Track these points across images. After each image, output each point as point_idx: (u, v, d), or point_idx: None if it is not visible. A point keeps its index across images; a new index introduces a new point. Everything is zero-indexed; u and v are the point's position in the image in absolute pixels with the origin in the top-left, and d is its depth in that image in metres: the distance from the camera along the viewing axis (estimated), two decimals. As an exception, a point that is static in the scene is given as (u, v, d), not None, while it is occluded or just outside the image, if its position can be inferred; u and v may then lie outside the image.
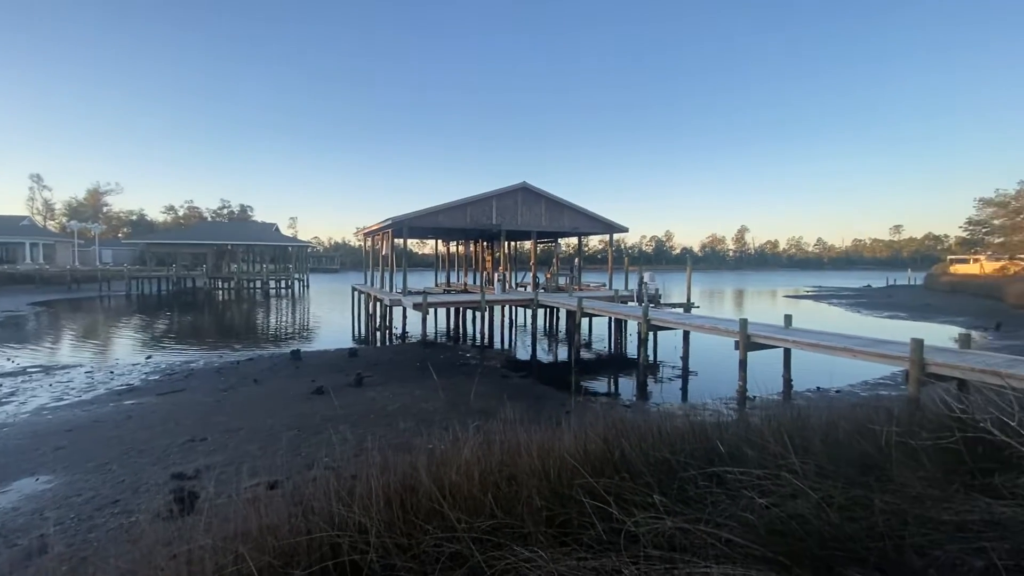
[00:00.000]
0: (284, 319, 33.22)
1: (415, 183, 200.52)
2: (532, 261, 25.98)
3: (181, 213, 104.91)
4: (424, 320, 19.13)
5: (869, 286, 58.85)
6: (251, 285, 56.56)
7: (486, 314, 22.37)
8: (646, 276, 23.42)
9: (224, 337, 24.46)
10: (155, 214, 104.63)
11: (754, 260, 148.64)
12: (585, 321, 23.45)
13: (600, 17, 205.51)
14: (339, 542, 2.76)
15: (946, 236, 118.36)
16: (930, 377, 8.49)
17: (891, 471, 3.03)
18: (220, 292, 54.68)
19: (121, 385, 14.52)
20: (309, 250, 76.62)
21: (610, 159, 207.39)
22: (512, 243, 38.38)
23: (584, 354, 20.19)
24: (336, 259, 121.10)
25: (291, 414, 10.59)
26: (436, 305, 20.90)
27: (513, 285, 31.41)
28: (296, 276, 59.63)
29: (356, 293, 30.61)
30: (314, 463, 6.27)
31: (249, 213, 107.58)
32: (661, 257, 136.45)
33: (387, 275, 25.27)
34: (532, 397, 13.04)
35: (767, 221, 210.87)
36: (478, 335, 22.11)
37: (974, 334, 24.00)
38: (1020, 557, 2.36)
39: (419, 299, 19.41)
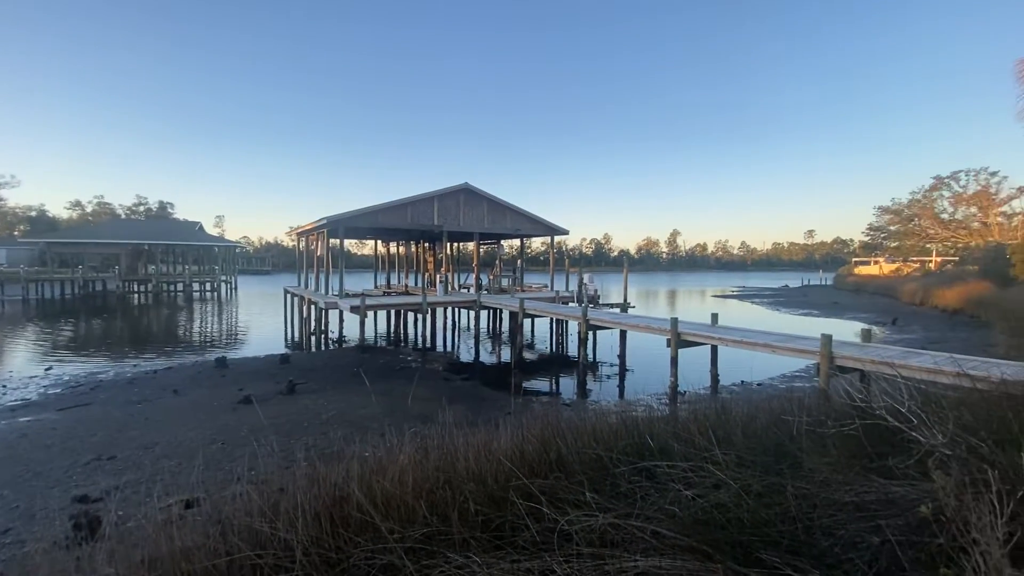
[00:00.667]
0: (209, 324, 31.05)
1: (353, 184, 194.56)
2: (475, 262, 25.90)
3: (89, 210, 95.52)
4: (362, 323, 18.55)
5: (787, 286, 63.63)
6: (171, 288, 52.47)
7: (428, 316, 22.05)
8: (586, 277, 24.03)
9: (139, 345, 22.49)
10: (58, 210, 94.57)
11: (685, 262, 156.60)
12: (528, 322, 23.75)
13: (539, 17, 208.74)
14: (261, 563, 2.60)
15: (852, 240, 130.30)
16: (837, 369, 9.29)
17: (802, 458, 3.27)
18: (136, 296, 50.28)
19: (15, 400, 12.98)
20: (237, 251, 72.12)
21: (552, 164, 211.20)
22: (455, 244, 38.09)
23: (527, 355, 20.38)
24: (267, 260, 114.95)
25: (215, 426, 9.90)
26: (375, 308, 20.33)
27: (456, 287, 31.20)
28: (223, 278, 55.93)
29: (289, 296, 29.19)
30: (238, 478, 5.89)
31: (169, 211, 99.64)
32: (600, 259, 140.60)
33: (323, 277, 24.29)
34: (474, 399, 12.98)
35: (697, 225, 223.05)
36: (420, 338, 21.74)
37: (875, 329, 26.56)
38: (910, 532, 2.61)
39: (357, 302, 18.80)
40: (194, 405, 11.80)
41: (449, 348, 22.41)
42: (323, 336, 22.00)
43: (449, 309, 26.99)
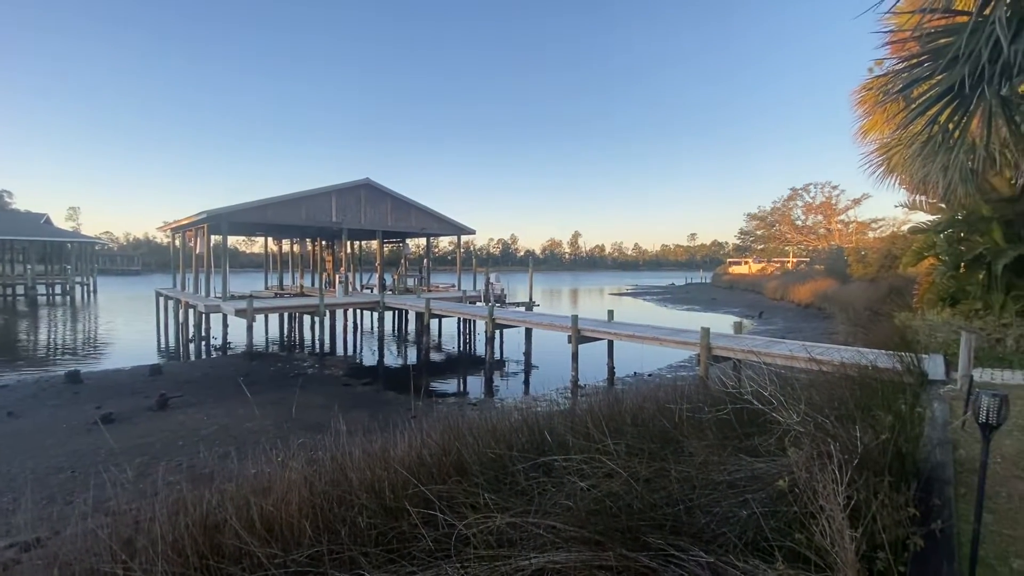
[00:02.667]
0: (59, 334, 26.55)
1: (240, 176, 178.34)
2: (378, 262, 24.94)
3: None
4: (250, 328, 17.00)
5: (673, 284, 69.41)
6: (8, 292, 44.18)
7: (326, 319, 20.82)
8: (492, 277, 24.23)
9: (-43, 361, 18.59)
10: None
11: (586, 262, 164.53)
12: (435, 322, 23.40)
13: (437, 14, 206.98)
14: (108, 611, 2.23)
15: (727, 243, 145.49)
16: (714, 359, 10.28)
17: (684, 443, 3.54)
18: (-46, 302, 41.56)
19: None
20: (97, 248, 62.57)
21: (458, 164, 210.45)
22: (357, 243, 36.46)
23: (435, 356, 20.05)
24: (137, 259, 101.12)
25: (64, 452, 8.49)
26: (265, 311, 18.78)
27: (359, 287, 29.84)
28: (78, 280, 48.24)
29: (162, 299, 25.93)
30: (89, 512, 5.06)
31: (7, 199, 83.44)
32: (507, 259, 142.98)
33: (203, 277, 21.91)
34: (377, 405, 12.47)
35: (597, 228, 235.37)
36: (317, 343, 20.44)
37: (745, 322, 29.95)
38: (772, 504, 2.92)
39: (243, 304, 17.20)
40: (37, 429, 10.01)
41: (351, 352, 21.35)
42: (204, 343, 19.85)
43: (350, 311, 25.75)
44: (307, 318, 24.85)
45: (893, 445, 3.55)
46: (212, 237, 22.98)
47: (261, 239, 33.89)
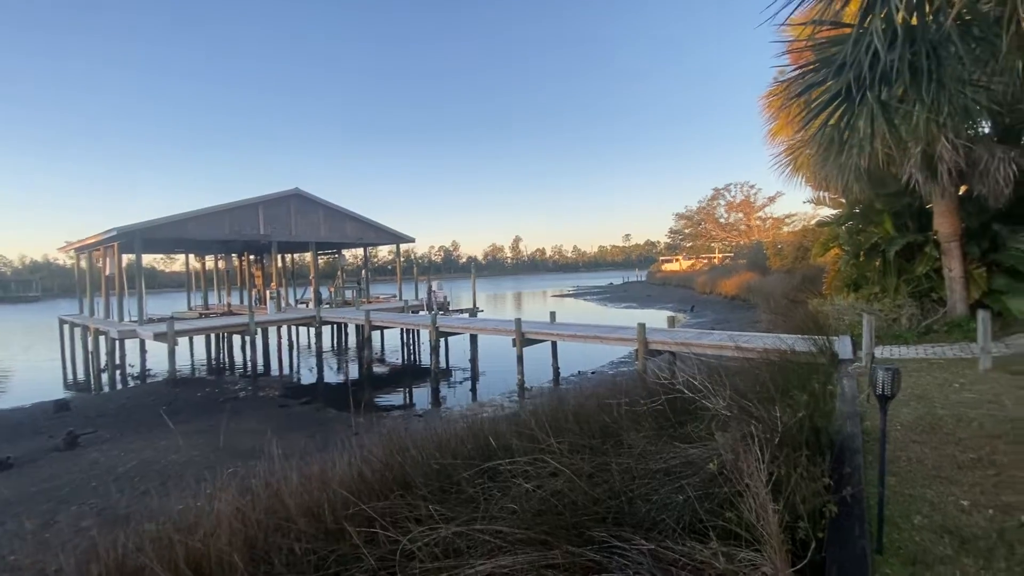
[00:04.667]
0: (-64, 373, 23.27)
1: (156, 192, 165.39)
2: (312, 275, 23.92)
3: None
4: (171, 353, 15.76)
5: (611, 284, 71.72)
6: None
7: (259, 338, 19.70)
8: (434, 285, 23.93)
9: None
10: None
11: (528, 266, 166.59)
12: (377, 335, 22.75)
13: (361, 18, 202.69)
14: None
15: (659, 242, 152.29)
16: (651, 352, 10.72)
17: (623, 436, 3.66)
18: None
19: None
20: (-17, 274, 55.65)
21: (399, 173, 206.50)
22: (290, 256, 34.84)
23: (378, 369, 19.49)
24: (35, 284, 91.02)
25: (-54, 509, 7.45)
26: (189, 333, 17.49)
27: (293, 303, 28.46)
28: (-41, 311, 42.61)
29: (67, 327, 23.48)
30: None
31: None
32: (450, 266, 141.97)
33: (115, 301, 20.08)
34: (316, 424, 11.95)
35: (537, 232, 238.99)
36: (250, 363, 19.24)
37: (679, 316, 31.48)
38: (704, 487, 3.08)
39: (162, 327, 15.92)
40: (-92, 486, 8.72)
41: (287, 371, 20.31)
42: (119, 372, 18.18)
43: (284, 328, 24.52)
44: (238, 338, 23.39)
45: (809, 421, 3.86)
46: (124, 256, 21.13)
47: (182, 257, 31.45)
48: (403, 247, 28.24)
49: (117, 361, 18.48)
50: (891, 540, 2.84)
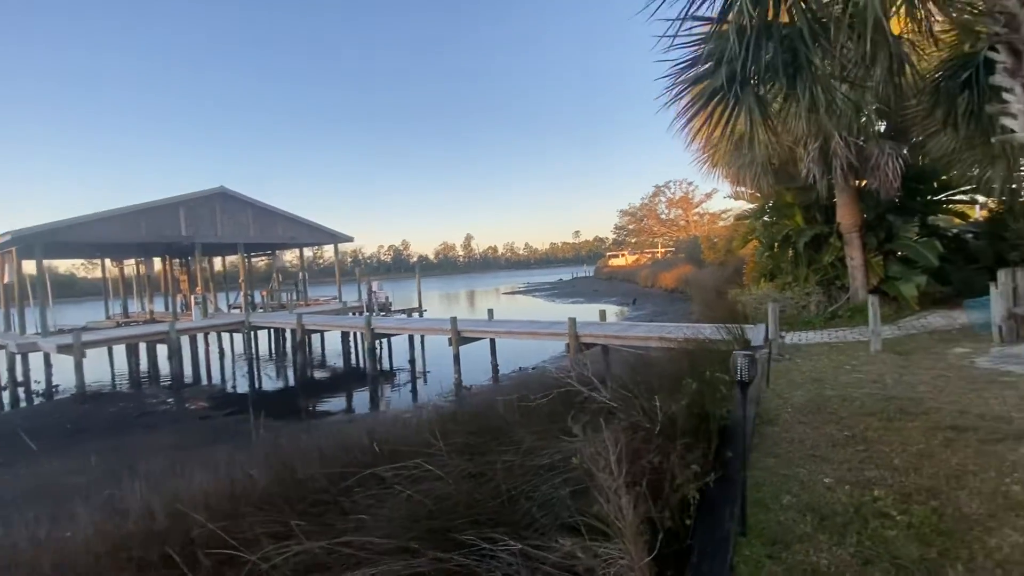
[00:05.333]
0: None
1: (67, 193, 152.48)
2: (242, 278, 22.70)
3: None
4: (79, 366, 14.49)
5: (561, 280, 72.72)
6: None
7: (186, 348, 18.50)
8: (375, 285, 23.36)
9: None
10: None
11: (480, 264, 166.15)
12: (317, 339, 21.87)
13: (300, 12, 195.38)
14: None
15: (607, 237, 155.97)
16: (584, 346, 10.86)
17: (516, 433, 3.61)
18: None
19: None
20: None
21: (343, 172, 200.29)
22: (222, 259, 32.96)
23: (319, 374, 18.74)
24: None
25: None
26: (100, 344, 16.14)
27: (226, 308, 26.93)
28: None
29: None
30: None
31: None
32: (400, 266, 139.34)
33: (13, 312, 18.26)
34: (240, 436, 11.29)
35: (488, 230, 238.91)
36: (173, 375, 17.97)
37: (620, 309, 32.31)
38: (580, 481, 3.06)
39: (68, 339, 14.62)
40: None
41: (217, 381, 19.15)
42: (21, 389, 16.53)
43: (213, 335, 23.13)
44: (163, 348, 21.80)
45: (699, 408, 3.96)
46: (22, 262, 19.20)
47: (102, 262, 28.96)
48: (350, 247, 27.34)
49: (20, 377, 16.82)
50: (758, 521, 2.92)
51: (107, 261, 27.87)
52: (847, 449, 3.76)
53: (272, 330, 23.04)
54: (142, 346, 20.65)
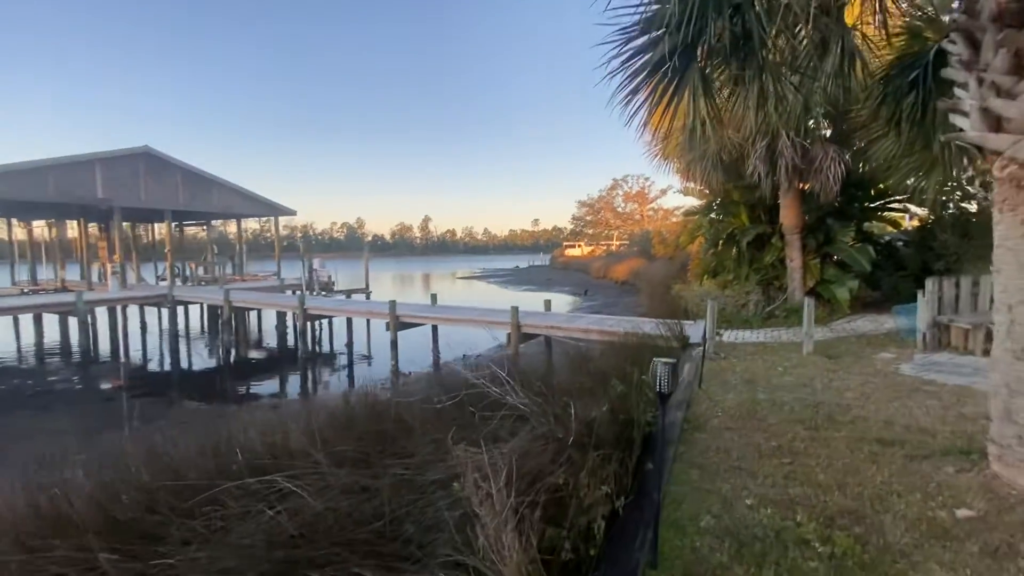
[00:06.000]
0: None
1: None
2: (167, 247, 20.91)
3: None
4: (-38, 338, 12.83)
5: (517, 267, 72.55)
6: None
7: (104, 321, 16.86)
8: (316, 263, 22.18)
9: None
10: None
11: (437, 247, 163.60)
12: (255, 317, 20.51)
13: None
14: None
15: (565, 227, 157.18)
16: (525, 336, 10.52)
17: (410, 440, 3.15)
18: None
19: None
20: None
21: (301, 146, 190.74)
22: (151, 227, 30.47)
23: (251, 354, 17.55)
24: None
25: None
26: (-7, 313, 14.38)
27: (153, 280, 24.88)
28: None
29: None
30: None
31: None
32: (354, 244, 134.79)
33: None
34: (143, 420, 10.28)
35: (447, 213, 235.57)
36: (81, 349, 16.30)
37: (572, 299, 32.42)
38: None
39: (-51, 307, 12.89)
40: None
41: (138, 358, 17.59)
42: None
43: (134, 308, 21.28)
44: (75, 320, 19.76)
45: (624, 413, 3.64)
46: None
47: (7, 222, 25.91)
48: (299, 222, 25.83)
49: None
50: (672, 548, 2.60)
51: (13, 221, 25.11)
52: (773, 461, 3.55)
53: (202, 306, 21.45)
54: (52, 318, 18.70)
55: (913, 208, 11.12)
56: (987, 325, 6.56)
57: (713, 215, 11.69)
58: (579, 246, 69.35)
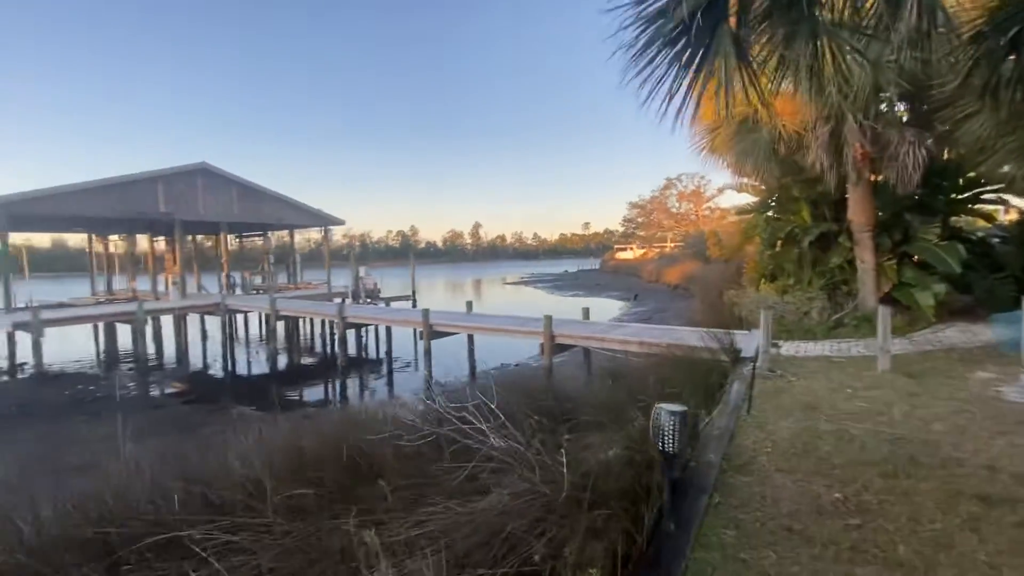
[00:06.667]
0: None
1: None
2: (224, 258, 21.94)
3: None
4: (36, 345, 13.82)
5: (566, 271, 71.53)
6: None
7: (162, 328, 17.83)
8: (362, 271, 22.51)
9: None
10: None
11: (488, 252, 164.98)
12: (307, 324, 21.09)
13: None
14: None
15: (616, 230, 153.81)
16: (560, 347, 9.90)
17: (375, 487, 2.67)
18: None
19: None
20: None
21: (352, 160, 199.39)
22: (219, 238, 32.26)
23: (301, 360, 18.00)
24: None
25: None
26: (61, 322, 15.43)
27: (217, 289, 26.30)
28: None
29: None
30: None
31: None
32: (408, 252, 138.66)
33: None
34: (190, 427, 10.53)
35: (498, 219, 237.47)
36: (142, 356, 17.29)
37: (622, 304, 31.26)
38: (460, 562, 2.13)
39: (26, 316, 13.92)
40: None
41: (197, 364, 18.45)
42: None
43: (194, 316, 22.43)
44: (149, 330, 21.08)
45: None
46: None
47: (89, 238, 28.30)
48: (357, 231, 26.56)
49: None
50: (688, 652, 1.96)
51: (92, 237, 27.27)
52: (836, 521, 2.79)
53: (256, 315, 22.29)
54: (124, 328, 20.04)
55: (1012, 199, 9.55)
56: (1122, 339, 5.30)
57: (770, 213, 10.58)
58: (631, 248, 67.45)
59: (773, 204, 10.43)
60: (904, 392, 5.19)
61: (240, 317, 20.94)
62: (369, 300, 21.68)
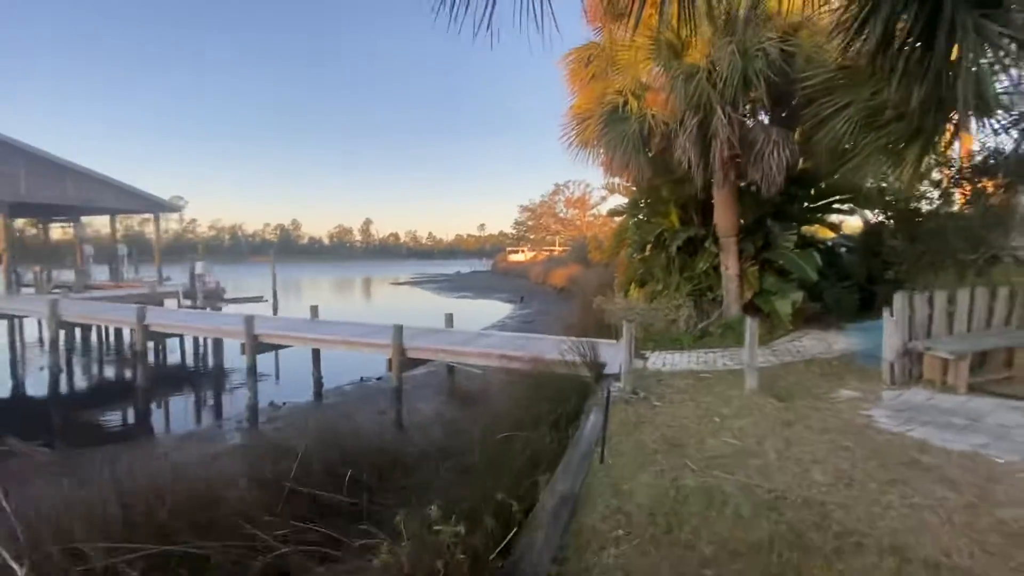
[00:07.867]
0: None
1: None
2: (2, 246, 17.04)
3: None
4: None
5: (459, 272, 70.03)
6: None
7: None
8: (198, 267, 18.89)
9: None
10: None
11: (379, 251, 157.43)
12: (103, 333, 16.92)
13: None
14: None
15: (510, 233, 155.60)
16: (412, 362, 8.36)
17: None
18: None
19: None
20: None
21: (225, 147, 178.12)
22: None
23: (105, 378, 14.19)
24: None
25: None
26: None
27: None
28: None
29: None
30: None
31: None
32: (288, 248, 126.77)
33: None
34: None
35: (390, 216, 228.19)
36: None
37: (508, 306, 30.58)
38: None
39: None
40: None
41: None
42: None
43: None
44: None
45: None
46: None
47: None
48: (227, 223, 22.26)
49: None
50: None
51: None
52: None
53: (32, 320, 17.51)
54: None
55: (859, 210, 9.95)
56: (972, 354, 5.12)
57: (641, 216, 10.05)
58: (522, 251, 67.89)
59: (643, 206, 9.91)
60: (776, 421, 4.45)
61: (17, 322, 16.21)
62: (206, 303, 18.23)
